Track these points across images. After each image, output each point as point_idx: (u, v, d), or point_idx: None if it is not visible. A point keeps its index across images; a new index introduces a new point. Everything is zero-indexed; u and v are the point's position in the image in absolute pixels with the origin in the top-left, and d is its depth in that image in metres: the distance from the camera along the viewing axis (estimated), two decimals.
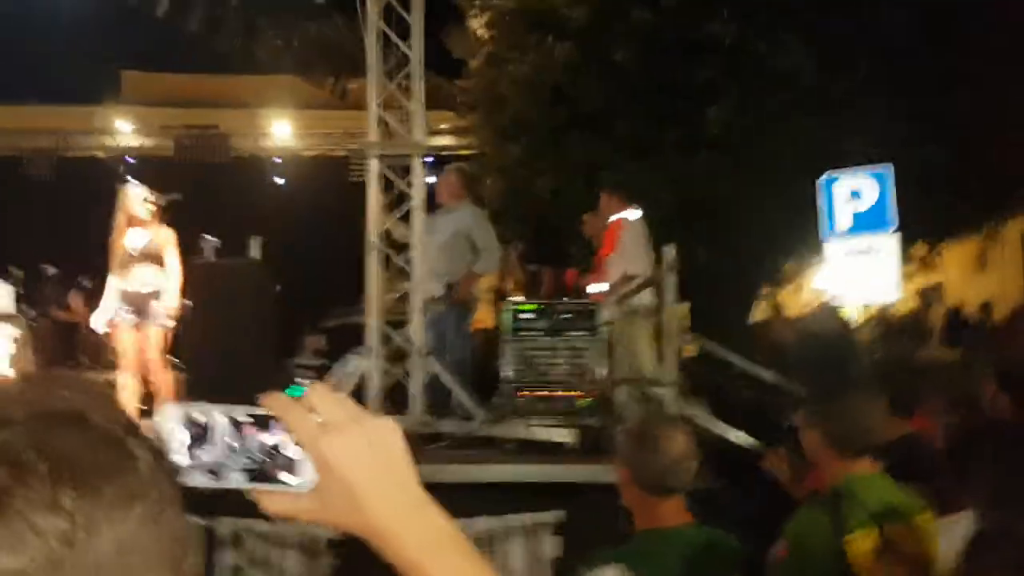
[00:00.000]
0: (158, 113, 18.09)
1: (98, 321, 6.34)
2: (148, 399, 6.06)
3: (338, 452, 0.75)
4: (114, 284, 6.24)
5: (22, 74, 16.23)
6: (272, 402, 0.77)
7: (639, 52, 10.65)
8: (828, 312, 8.43)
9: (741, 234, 10.77)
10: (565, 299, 7.49)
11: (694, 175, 10.47)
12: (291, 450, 0.76)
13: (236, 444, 0.76)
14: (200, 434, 0.76)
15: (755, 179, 10.45)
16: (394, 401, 5.93)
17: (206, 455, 0.75)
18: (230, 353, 6.27)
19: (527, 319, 5.57)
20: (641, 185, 9.66)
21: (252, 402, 0.78)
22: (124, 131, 18.34)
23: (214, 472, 0.76)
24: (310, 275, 12.78)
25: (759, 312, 13.13)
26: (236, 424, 0.76)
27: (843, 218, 9.08)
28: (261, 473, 0.76)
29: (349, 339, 6.70)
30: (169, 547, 0.62)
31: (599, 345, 5.53)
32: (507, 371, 5.53)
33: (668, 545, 2.30)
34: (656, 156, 10.71)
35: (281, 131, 18.40)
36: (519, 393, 5.42)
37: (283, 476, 0.76)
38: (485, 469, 4.83)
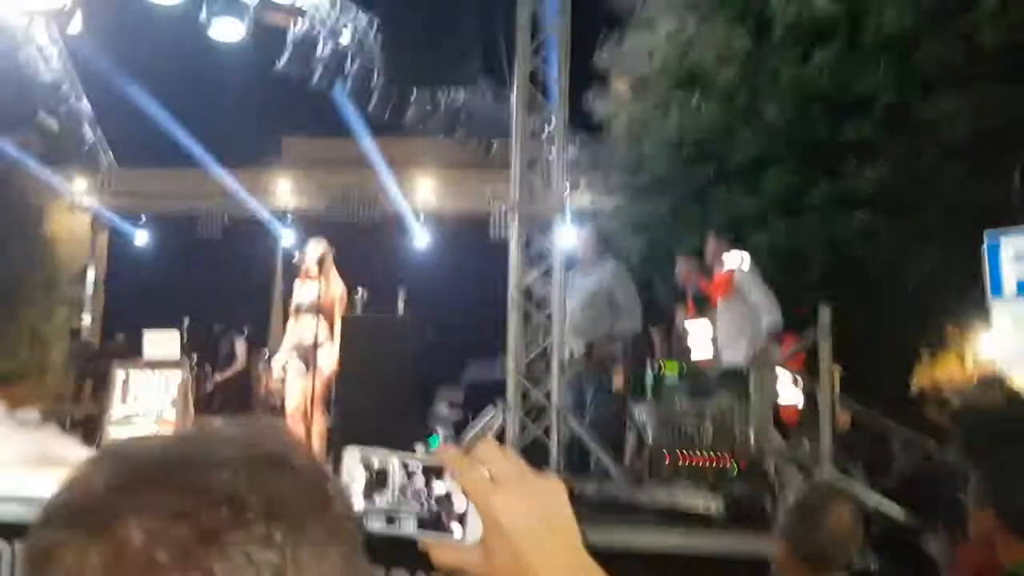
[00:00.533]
0: (315, 175, 19.23)
1: (275, 366, 6.79)
2: None
3: (507, 509, 0.76)
4: (288, 334, 6.65)
5: (195, 142, 17.63)
6: (444, 454, 0.79)
7: (790, 109, 10.43)
8: (998, 382, 7.82)
9: (899, 296, 10.23)
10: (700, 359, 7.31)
11: (847, 234, 10.07)
12: (460, 502, 0.78)
13: (409, 491, 0.79)
14: (376, 479, 0.79)
15: (913, 239, 9.94)
16: (531, 459, 5.88)
17: (382, 500, 0.78)
18: (374, 404, 6.43)
19: (671, 381, 5.44)
20: (792, 243, 9.36)
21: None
22: (284, 192, 19.55)
23: (389, 518, 0.78)
24: (449, 328, 13.02)
25: (919, 379, 12.37)
26: (409, 472, 0.79)
27: (1010, 282, 8.48)
28: (431, 522, 0.78)
29: (485, 394, 6.74)
30: None
31: (747, 409, 5.32)
32: (649, 434, 5.39)
33: None
34: (808, 214, 10.38)
35: (426, 190, 19.11)
36: (663, 457, 5.26)
37: (452, 526, 0.78)
38: (626, 535, 4.70)
